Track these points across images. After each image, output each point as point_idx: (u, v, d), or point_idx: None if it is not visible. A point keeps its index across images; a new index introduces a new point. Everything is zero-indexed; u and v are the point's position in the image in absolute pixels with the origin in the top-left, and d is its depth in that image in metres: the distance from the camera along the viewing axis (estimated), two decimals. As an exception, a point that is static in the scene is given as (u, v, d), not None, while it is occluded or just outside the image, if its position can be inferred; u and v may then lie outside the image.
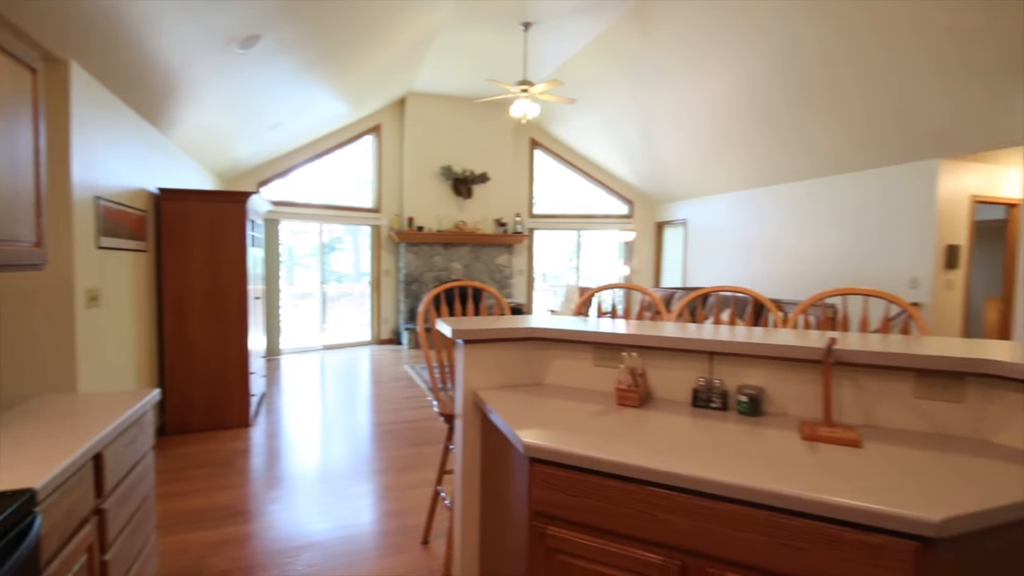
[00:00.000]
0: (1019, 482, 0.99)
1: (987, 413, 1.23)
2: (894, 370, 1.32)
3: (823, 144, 5.94)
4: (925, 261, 5.50)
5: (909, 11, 3.88)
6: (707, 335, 1.56)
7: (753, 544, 0.99)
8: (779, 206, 7.19)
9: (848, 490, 0.95)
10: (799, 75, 5.06)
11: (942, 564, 0.88)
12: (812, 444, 1.21)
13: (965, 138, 4.94)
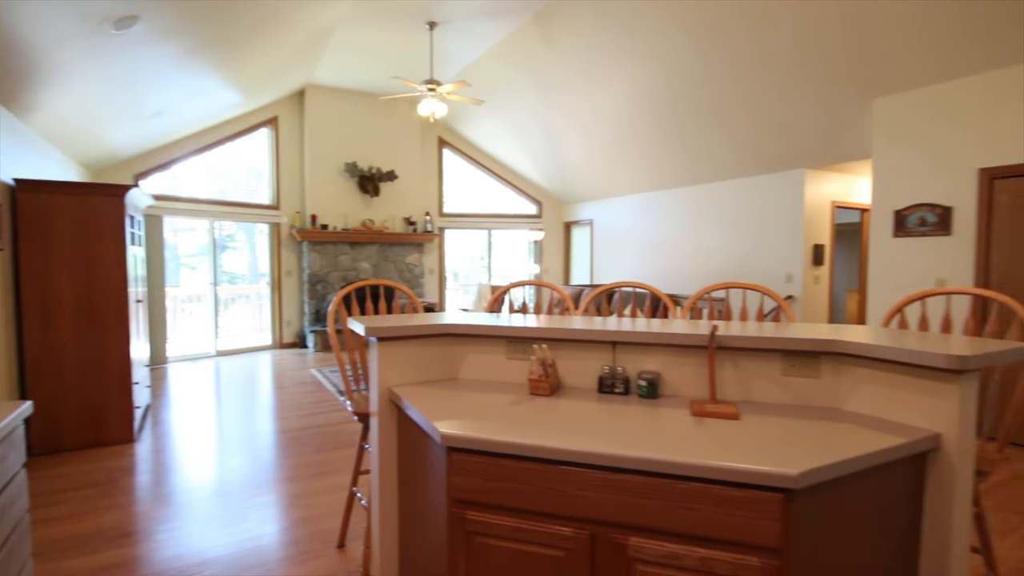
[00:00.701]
0: (861, 440, 1.18)
1: (838, 385, 1.45)
2: (766, 352, 1.50)
3: (711, 153, 6.50)
4: (796, 259, 6.19)
5: (778, 42, 4.37)
6: (611, 327, 1.68)
7: (652, 509, 1.10)
8: (675, 208, 7.75)
9: (729, 455, 1.08)
10: (689, 89, 5.50)
11: (801, 510, 1.04)
12: (700, 419, 1.35)
13: (826, 151, 5.64)
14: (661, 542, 1.11)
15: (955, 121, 4.09)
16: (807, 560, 1.06)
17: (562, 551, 1.18)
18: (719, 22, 4.49)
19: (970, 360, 1.17)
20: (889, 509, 1.21)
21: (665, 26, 4.80)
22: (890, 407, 1.34)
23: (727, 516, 1.05)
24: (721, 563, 1.06)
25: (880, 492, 1.18)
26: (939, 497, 1.25)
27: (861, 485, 1.14)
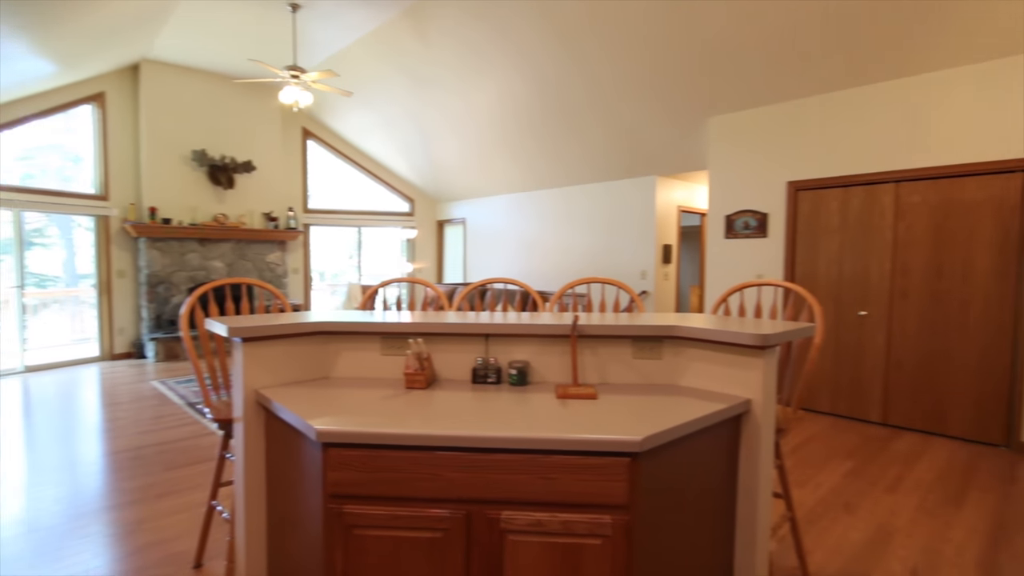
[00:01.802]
0: (692, 409, 1.39)
1: (676, 364, 1.68)
2: (619, 339, 1.69)
3: (575, 157, 6.95)
4: (649, 257, 6.85)
5: (631, 60, 4.82)
6: (483, 321, 1.76)
7: (521, 483, 1.20)
8: (544, 209, 8.15)
9: (586, 429, 1.21)
10: (554, 96, 5.83)
11: (644, 470, 1.20)
12: (564, 401, 1.48)
13: (673, 161, 6.32)
14: (529, 512, 1.21)
15: (771, 139, 4.85)
16: (650, 510, 1.23)
17: (439, 532, 1.23)
18: (578, 37, 4.83)
19: (770, 338, 1.43)
20: (713, 463, 1.44)
21: (530, 35, 5.05)
22: (715, 380, 1.58)
23: (585, 482, 1.18)
24: (580, 524, 1.19)
25: (706, 449, 1.40)
26: (750, 451, 1.51)
27: (691, 445, 1.35)
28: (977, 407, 3.84)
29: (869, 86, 4.26)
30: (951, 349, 3.94)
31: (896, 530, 2.55)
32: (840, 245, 4.47)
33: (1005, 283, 3.72)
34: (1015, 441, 3.68)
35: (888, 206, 4.21)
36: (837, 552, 2.34)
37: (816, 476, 3.20)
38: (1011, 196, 3.69)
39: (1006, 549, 2.39)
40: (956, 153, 3.88)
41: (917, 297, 4.09)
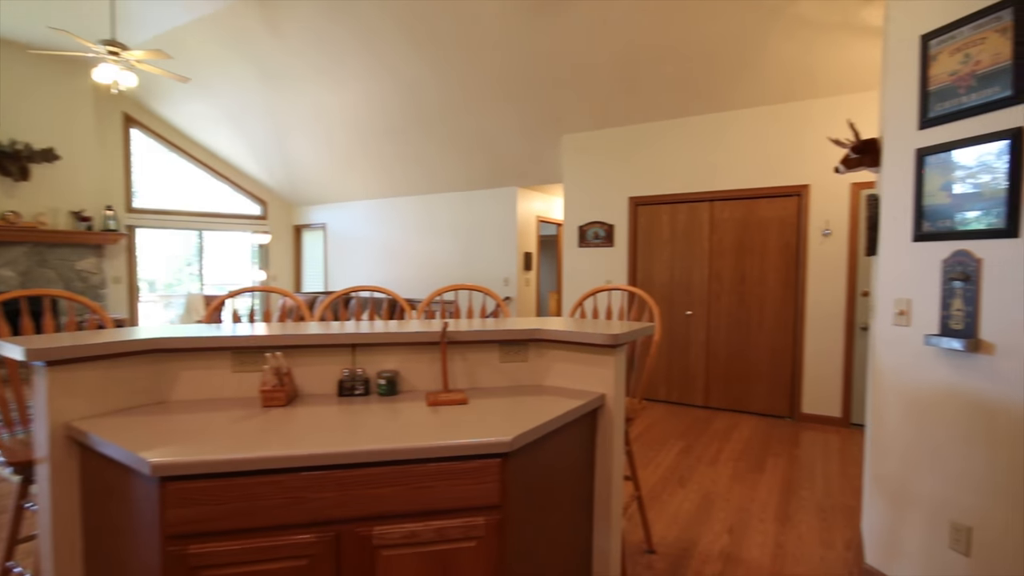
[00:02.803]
0: (555, 407, 1.51)
1: (540, 365, 1.80)
2: (487, 343, 1.77)
3: (439, 166, 6.99)
4: (511, 264, 7.13)
5: (492, 74, 5.01)
6: (349, 330, 1.73)
7: (394, 495, 1.20)
8: (410, 215, 8.06)
9: (457, 434, 1.26)
10: (417, 104, 5.83)
11: (515, 468, 1.28)
12: (435, 408, 1.52)
13: (532, 173, 6.67)
14: (403, 524, 1.22)
15: (615, 158, 5.37)
16: (520, 506, 1.31)
17: (305, 559, 1.18)
18: (440, 47, 4.90)
19: (620, 337, 1.62)
20: (575, 454, 1.58)
21: (392, 41, 4.99)
22: (575, 378, 1.73)
23: (459, 487, 1.23)
24: (454, 529, 1.23)
25: (569, 442, 1.53)
26: (604, 441, 1.68)
27: (556, 440, 1.47)
28: (771, 388, 4.64)
29: (693, 117, 4.94)
30: (752, 341, 4.72)
31: (717, 496, 2.99)
32: (671, 254, 5.10)
33: (788, 287, 4.56)
34: (798, 413, 4.53)
35: (706, 221, 4.92)
36: (674, 522, 2.68)
37: (656, 457, 3.62)
38: (791, 215, 4.54)
39: (794, 501, 2.94)
40: (754, 178, 4.66)
41: (728, 298, 4.83)
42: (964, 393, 1.80)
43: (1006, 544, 1.69)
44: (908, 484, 2.00)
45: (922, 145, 1.92)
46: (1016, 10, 1.61)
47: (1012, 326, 1.66)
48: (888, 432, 2.09)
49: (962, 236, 1.78)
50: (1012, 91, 1.62)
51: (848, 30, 3.67)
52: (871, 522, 2.19)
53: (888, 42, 2.12)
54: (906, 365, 2.00)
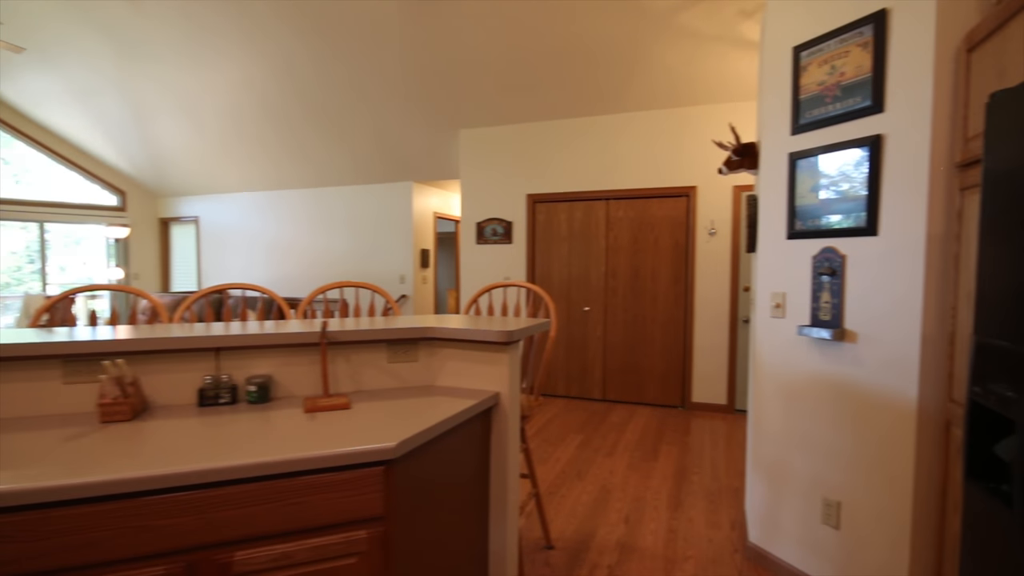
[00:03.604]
0: (446, 407, 1.42)
1: (431, 365, 1.70)
2: (373, 343, 1.63)
3: (329, 158, 6.59)
4: (408, 262, 6.91)
5: (386, 64, 4.80)
6: (212, 332, 1.51)
7: (261, 515, 1.05)
8: (296, 210, 7.53)
9: (336, 443, 1.13)
10: (303, 93, 5.44)
11: (401, 475, 1.17)
12: (313, 415, 1.36)
13: (429, 168, 6.50)
14: (272, 546, 1.06)
15: (513, 155, 5.38)
16: (408, 514, 1.21)
17: (147, 599, 0.99)
18: (331, 31, 4.60)
19: (513, 334, 1.56)
20: (468, 455, 1.50)
21: (273, 19, 4.61)
22: (468, 377, 1.65)
23: (337, 500, 1.10)
24: (333, 546, 1.10)
25: (461, 444, 1.45)
26: (499, 440, 1.62)
27: (447, 442, 1.38)
28: (664, 379, 4.91)
29: (588, 117, 5.08)
30: (646, 335, 4.96)
31: (614, 487, 3.07)
32: (568, 251, 5.22)
33: (679, 283, 4.84)
34: (688, 402, 4.82)
35: (602, 219, 5.08)
36: (573, 516, 2.70)
37: (555, 452, 3.65)
38: (680, 215, 4.82)
39: (685, 486, 3.10)
40: (646, 179, 4.90)
41: (623, 294, 5.03)
42: (832, 378, 1.97)
43: (871, 516, 1.87)
44: (785, 465, 2.16)
45: (794, 150, 2.08)
46: (876, 26, 1.78)
47: (872, 316, 1.84)
48: (767, 417, 2.24)
49: (829, 234, 1.94)
50: (871, 101, 1.80)
51: (728, 42, 3.95)
52: (753, 502, 2.34)
53: (764, 52, 2.28)
54: (782, 354, 2.16)
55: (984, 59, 1.47)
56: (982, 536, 1.10)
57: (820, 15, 1.99)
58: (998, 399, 1.03)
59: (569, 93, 4.78)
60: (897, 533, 1.78)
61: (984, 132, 1.15)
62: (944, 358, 1.69)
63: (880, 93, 1.78)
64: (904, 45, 1.73)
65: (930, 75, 1.68)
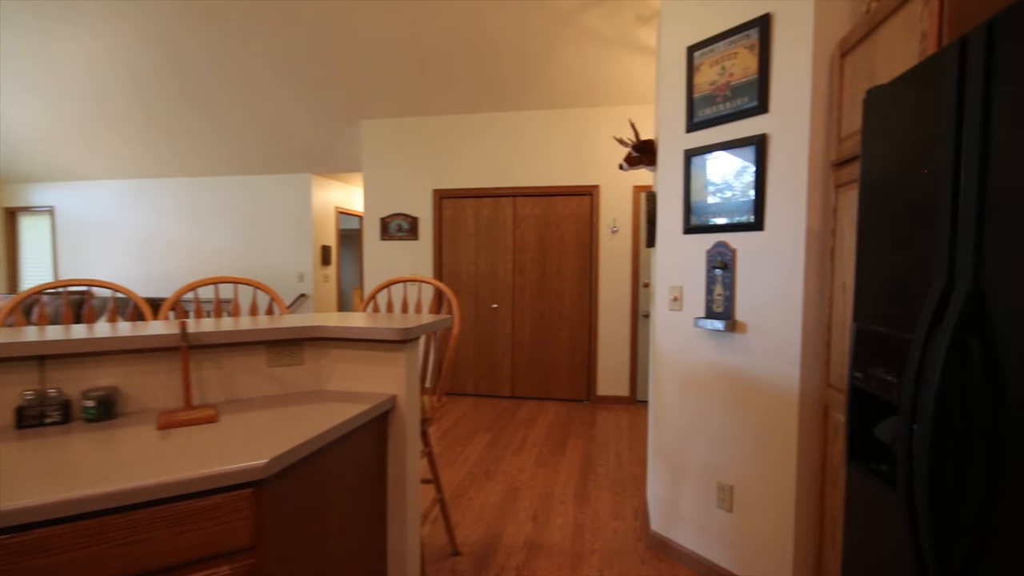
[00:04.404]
0: (334, 415, 1.27)
1: (320, 368, 1.53)
2: (250, 346, 1.44)
3: (215, 145, 6.00)
4: (307, 259, 6.48)
5: (281, 47, 4.42)
6: (34, 337, 1.24)
7: (88, 561, 0.85)
8: (175, 200, 6.79)
9: (195, 464, 0.95)
10: (183, 73, 4.88)
11: (275, 496, 1.01)
12: (168, 432, 1.15)
13: (328, 160, 6.13)
14: (103, 600, 0.87)
15: (418, 149, 5.20)
16: (286, 539, 1.05)
17: None
18: (211, 10, 4.15)
19: (411, 331, 1.44)
20: (360, 466, 1.35)
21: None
22: (362, 379, 1.51)
23: (190, 533, 0.92)
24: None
25: (352, 454, 1.31)
26: (397, 446, 1.49)
27: (335, 453, 1.23)
28: (571, 374, 4.98)
29: (495, 113, 5.02)
30: (554, 331, 5.00)
31: (522, 484, 3.03)
32: (476, 248, 5.14)
33: (584, 279, 4.93)
34: (594, 396, 4.93)
35: (509, 216, 5.06)
36: (480, 518, 2.62)
37: (463, 452, 3.56)
38: (585, 213, 4.92)
39: (591, 478, 3.13)
40: (552, 177, 4.94)
41: (531, 291, 5.04)
42: (725, 368, 2.04)
43: (759, 497, 1.96)
44: (683, 453, 2.22)
45: (689, 147, 2.13)
46: (761, 29, 1.86)
47: (759, 307, 1.93)
48: (666, 407, 2.30)
49: (721, 229, 2.01)
50: (757, 102, 1.88)
51: (626, 46, 4.07)
52: (654, 491, 2.39)
53: (661, 51, 2.33)
54: (680, 345, 2.21)
55: (856, 63, 1.58)
56: (864, 514, 1.16)
57: (712, 16, 2.05)
58: (878, 383, 1.08)
59: (476, 87, 4.69)
60: (782, 512, 1.88)
61: (862, 126, 1.21)
62: (822, 345, 1.81)
63: (765, 94, 1.87)
64: (786, 49, 1.83)
65: (808, 78, 1.78)
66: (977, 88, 0.83)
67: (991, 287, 0.79)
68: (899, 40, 1.34)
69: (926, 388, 0.87)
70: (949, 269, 0.89)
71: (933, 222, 0.94)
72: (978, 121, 0.83)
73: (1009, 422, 0.76)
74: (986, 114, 0.82)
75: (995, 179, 0.80)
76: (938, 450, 0.88)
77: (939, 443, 0.88)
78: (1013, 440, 0.75)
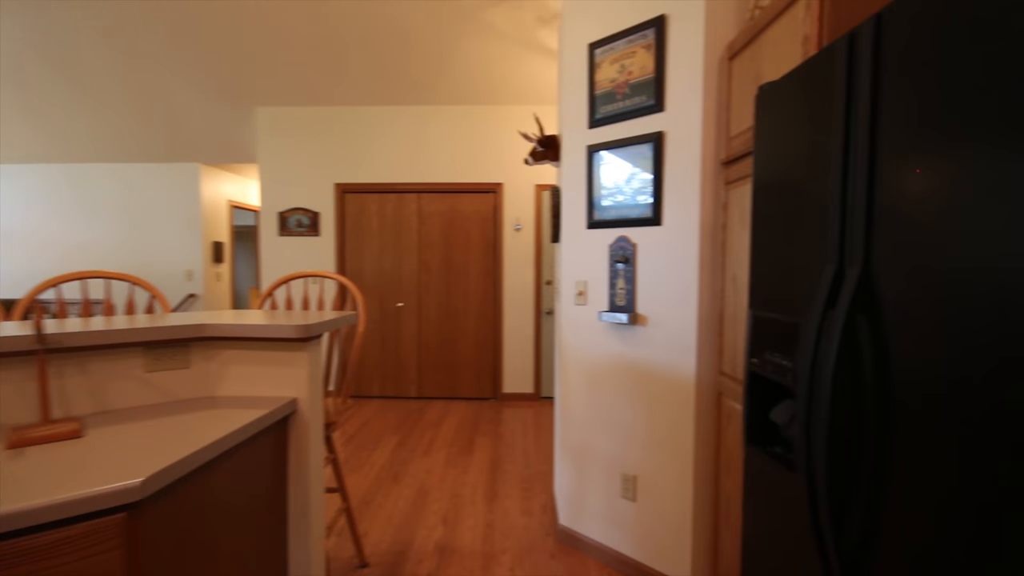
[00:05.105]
0: (224, 423, 1.15)
1: (209, 371, 1.39)
2: (123, 348, 1.27)
3: (81, 127, 5.27)
4: (196, 255, 5.91)
5: (163, 24, 3.97)
6: None
7: None
8: (41, 190, 5.89)
9: (49, 488, 0.81)
10: (41, 41, 4.23)
11: (153, 521, 0.89)
12: (19, 451, 0.98)
13: (220, 150, 5.62)
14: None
15: (320, 140, 4.93)
16: (169, 570, 0.93)
17: None
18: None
19: (312, 328, 1.35)
20: (256, 478, 1.24)
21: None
22: (258, 383, 1.39)
23: (45, 573, 0.78)
24: (38, 637, 0.78)
25: (246, 466, 1.19)
26: (299, 453, 1.39)
27: (226, 466, 1.11)
28: (477, 373, 4.98)
29: (400, 107, 4.89)
30: (460, 330, 4.98)
31: (431, 487, 2.97)
32: (381, 245, 4.97)
33: (488, 277, 4.96)
34: (500, 394, 4.97)
35: (414, 213, 4.95)
36: (389, 524, 2.53)
37: (371, 457, 3.42)
38: (489, 210, 4.94)
39: (500, 477, 3.14)
40: (456, 173, 4.91)
41: (437, 289, 4.97)
42: (629, 360, 2.13)
43: (660, 485, 2.07)
44: (589, 446, 2.29)
45: (592, 142, 2.20)
46: (657, 30, 1.96)
47: (658, 300, 2.03)
48: (572, 401, 2.36)
49: (623, 224, 2.10)
50: (655, 101, 1.97)
51: (529, 46, 4.14)
52: (562, 485, 2.45)
53: (563, 46, 2.38)
54: (585, 340, 2.28)
55: (743, 66, 1.71)
56: (761, 494, 1.25)
57: (612, 14, 2.12)
58: (774, 368, 1.18)
59: (379, 78, 4.54)
60: (681, 497, 2.00)
61: (755, 122, 1.30)
62: (715, 335, 1.95)
63: (661, 93, 1.97)
64: (680, 50, 1.94)
65: (700, 80, 1.90)
66: (866, 79, 0.89)
67: (879, 271, 0.86)
68: (783, 43, 1.45)
69: (823, 368, 0.93)
70: (839, 256, 0.96)
71: (825, 212, 1.00)
72: (867, 112, 0.89)
73: (896, 397, 0.83)
74: (874, 105, 0.87)
75: (882, 168, 0.86)
76: (833, 428, 0.94)
77: (834, 421, 0.94)
78: (899, 414, 0.83)
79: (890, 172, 0.84)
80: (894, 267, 0.83)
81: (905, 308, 0.81)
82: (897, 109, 0.83)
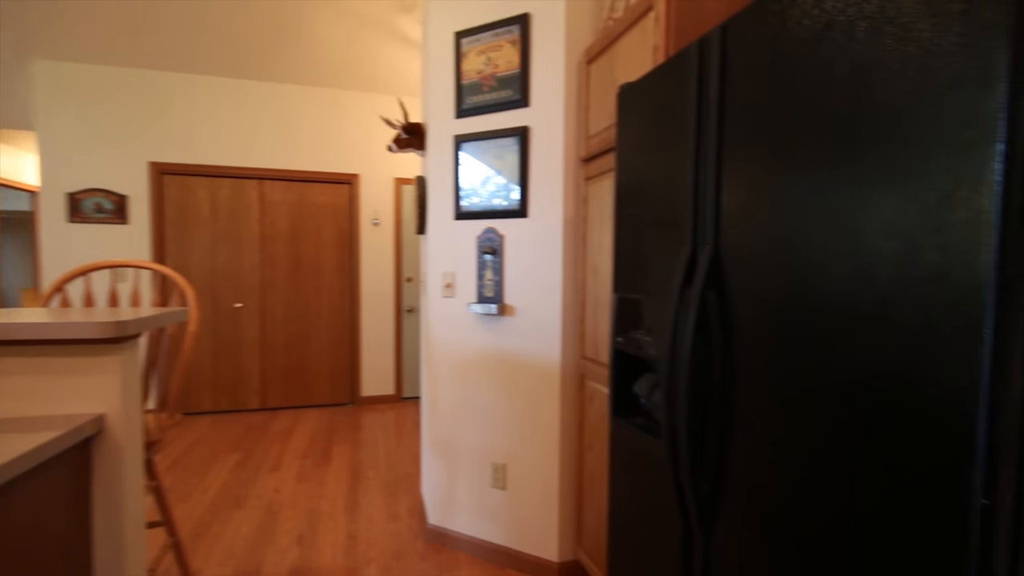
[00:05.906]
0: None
1: (-36, 389, 1.03)
2: None
3: None
4: (-63, 250, 4.59)
5: None
6: None
7: None
8: None
9: None
10: None
11: None
12: None
13: (-28, 111, 4.43)
14: None
15: (128, 109, 4.13)
16: None
17: None
18: None
19: (128, 326, 1.08)
20: (49, 520, 0.95)
21: None
22: (49, 398, 1.07)
23: None
24: None
25: (32, 505, 0.90)
26: (107, 483, 1.10)
27: (2, 510, 0.83)
28: (332, 377, 4.63)
29: (238, 80, 4.32)
30: (312, 331, 4.58)
31: (282, 506, 2.66)
32: (213, 237, 4.36)
33: (344, 274, 4.63)
34: (358, 397, 4.68)
35: (255, 201, 4.43)
36: (231, 555, 2.20)
37: (203, 481, 2.96)
38: (344, 202, 4.62)
39: (362, 484, 2.93)
40: (306, 161, 4.50)
41: (283, 287, 4.51)
42: (497, 351, 2.10)
43: (529, 470, 2.07)
44: (458, 440, 2.22)
45: (459, 132, 2.14)
46: (521, 27, 1.95)
47: (525, 290, 2.03)
48: (441, 397, 2.27)
49: (491, 215, 2.06)
50: (520, 96, 1.97)
51: (390, 34, 3.93)
52: (430, 484, 2.34)
53: (428, 32, 2.28)
54: (454, 332, 2.21)
55: (600, 71, 1.78)
56: (625, 461, 1.30)
57: (478, 6, 2.08)
58: (637, 344, 1.22)
59: (209, 42, 3.95)
60: (549, 480, 2.03)
61: (617, 119, 1.35)
62: (578, 322, 2.01)
63: (526, 89, 1.98)
64: (543, 49, 1.97)
65: (562, 80, 1.95)
66: (715, 77, 0.98)
67: (725, 251, 0.95)
68: (635, 51, 1.54)
69: (682, 337, 1.00)
70: (693, 240, 1.04)
71: (683, 203, 1.08)
72: (716, 106, 0.97)
73: (737, 363, 0.91)
74: (721, 101, 0.96)
75: (728, 155, 0.94)
76: (691, 390, 1.01)
77: (692, 383, 1.01)
78: (739, 376, 0.91)
79: (736, 157, 0.92)
80: (737, 245, 0.92)
81: (744, 286, 0.90)
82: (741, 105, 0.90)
